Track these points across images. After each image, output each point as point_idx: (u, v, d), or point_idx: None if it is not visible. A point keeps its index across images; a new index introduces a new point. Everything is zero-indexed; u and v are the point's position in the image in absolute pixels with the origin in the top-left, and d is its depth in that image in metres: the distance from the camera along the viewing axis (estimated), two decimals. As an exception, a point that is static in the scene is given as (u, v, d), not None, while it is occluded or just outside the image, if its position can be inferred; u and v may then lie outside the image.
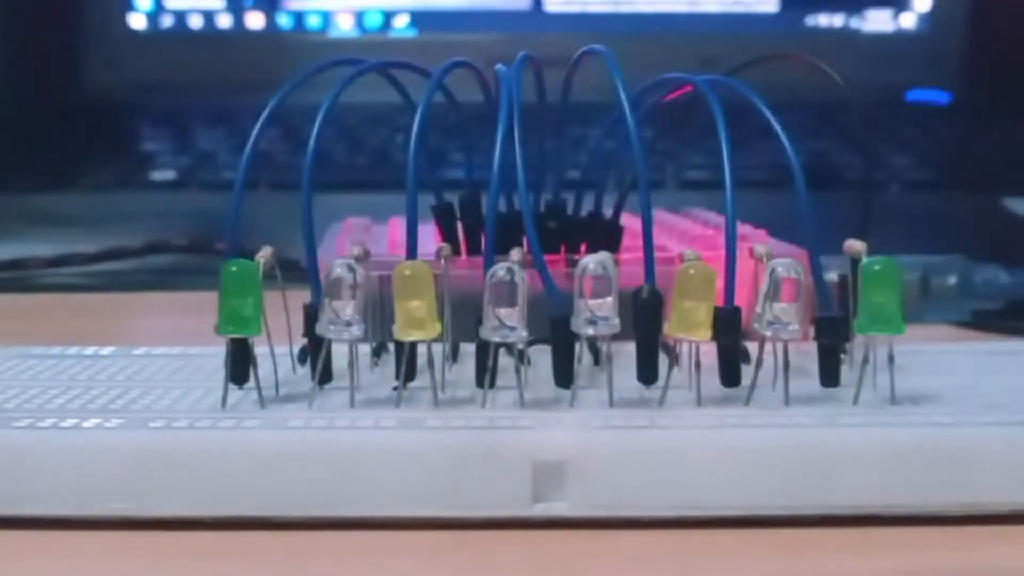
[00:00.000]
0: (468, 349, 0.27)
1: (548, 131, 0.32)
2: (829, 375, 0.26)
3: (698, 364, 0.25)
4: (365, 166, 0.62)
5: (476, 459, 0.23)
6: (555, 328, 0.26)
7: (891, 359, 0.25)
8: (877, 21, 0.73)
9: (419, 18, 0.72)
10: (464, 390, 0.26)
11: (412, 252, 0.26)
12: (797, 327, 0.25)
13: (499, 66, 0.28)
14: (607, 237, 0.32)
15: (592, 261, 0.25)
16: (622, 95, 0.26)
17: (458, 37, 0.71)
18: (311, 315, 0.26)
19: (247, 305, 0.25)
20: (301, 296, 0.27)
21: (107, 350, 0.31)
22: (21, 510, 0.23)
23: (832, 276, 0.27)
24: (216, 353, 0.26)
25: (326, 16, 0.72)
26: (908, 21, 0.73)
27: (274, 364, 0.27)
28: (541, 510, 0.23)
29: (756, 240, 0.33)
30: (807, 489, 0.23)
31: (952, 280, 0.40)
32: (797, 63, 0.32)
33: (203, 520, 0.23)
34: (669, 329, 0.25)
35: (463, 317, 0.27)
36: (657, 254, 0.26)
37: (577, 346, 0.25)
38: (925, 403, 0.26)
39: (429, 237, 0.31)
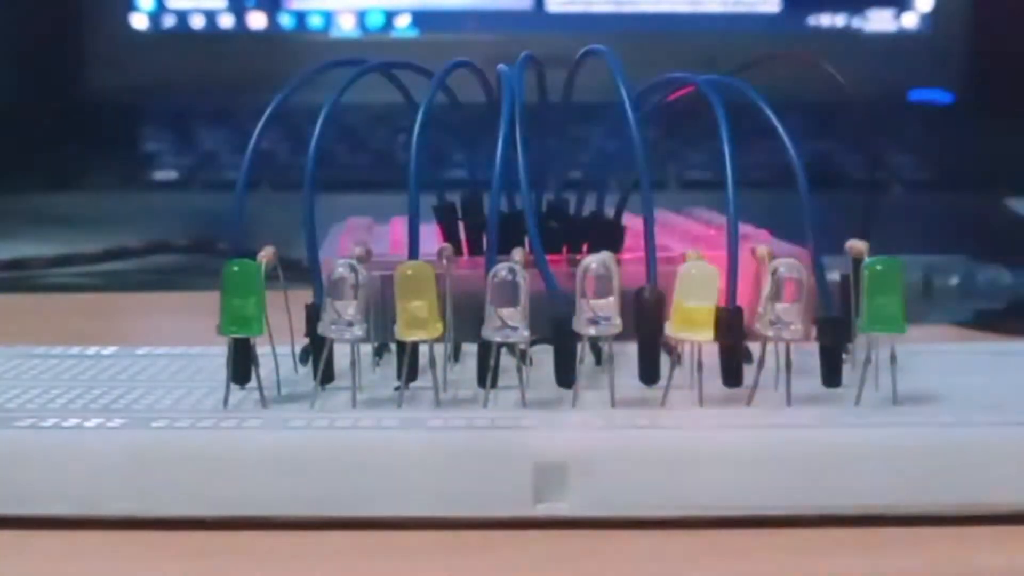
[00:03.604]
0: (470, 349, 0.27)
1: (550, 131, 0.32)
2: (831, 375, 0.26)
3: (700, 364, 0.25)
4: (367, 166, 0.62)
5: (478, 459, 0.23)
6: (557, 328, 0.26)
7: (893, 359, 0.25)
8: (879, 21, 0.73)
9: (421, 18, 0.72)
10: (466, 390, 0.26)
11: (414, 252, 0.26)
12: (799, 327, 0.25)
13: (501, 66, 0.28)
14: (609, 237, 0.32)
15: (594, 261, 0.25)
16: (624, 95, 0.26)
17: (460, 37, 0.71)
18: (313, 315, 0.26)
19: (249, 305, 0.25)
20: (303, 296, 0.27)
21: (109, 350, 0.31)
22: (22, 510, 0.23)
23: (834, 276, 0.27)
24: (218, 353, 0.26)
25: (328, 16, 0.72)
26: (910, 21, 0.73)
27: (276, 364, 0.27)
28: (543, 510, 0.23)
29: (758, 240, 0.33)
30: (809, 489, 0.23)
31: (954, 280, 0.39)
32: (799, 63, 0.32)
33: (205, 520, 0.23)
34: (671, 329, 0.25)
35: (465, 317, 0.27)
36: (659, 254, 0.26)
37: (579, 346, 0.25)
38: (927, 403, 0.26)
39: (431, 237, 0.31)
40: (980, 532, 0.23)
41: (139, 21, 0.72)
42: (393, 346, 0.27)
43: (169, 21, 0.72)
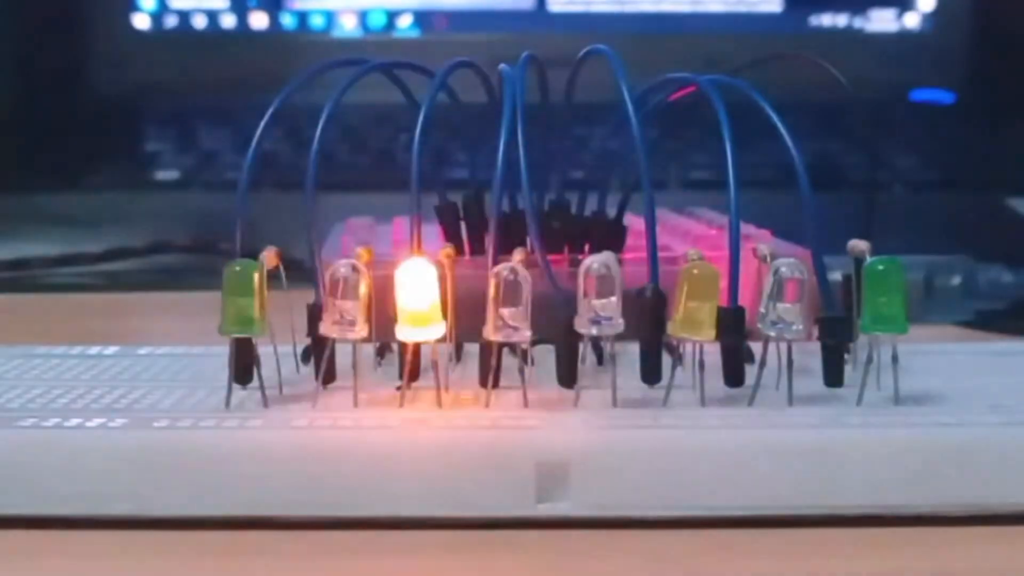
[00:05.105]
0: (472, 349, 0.27)
1: (552, 131, 0.32)
2: (833, 375, 0.26)
3: (702, 364, 0.25)
4: (368, 166, 0.62)
5: (480, 459, 0.23)
6: (559, 328, 0.26)
7: (895, 359, 0.25)
8: (881, 21, 0.73)
9: (422, 18, 0.72)
10: (468, 390, 0.26)
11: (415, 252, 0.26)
12: (801, 327, 0.25)
13: (503, 66, 0.28)
14: (610, 237, 0.32)
15: (596, 261, 0.25)
16: (625, 95, 0.26)
17: (461, 37, 0.71)
18: (315, 315, 0.26)
19: (251, 305, 0.25)
20: (305, 296, 0.27)
21: (111, 350, 0.31)
22: (24, 510, 0.23)
23: (836, 276, 0.27)
24: (220, 353, 0.26)
25: (330, 16, 0.72)
26: (912, 21, 0.73)
27: (277, 364, 0.27)
28: (545, 510, 0.23)
29: (760, 240, 0.33)
30: (810, 489, 0.23)
31: (956, 280, 0.40)
32: (801, 63, 0.32)
33: (206, 520, 0.23)
34: (673, 329, 0.25)
35: (467, 317, 0.27)
36: (661, 254, 0.26)
37: (581, 346, 0.25)
38: (929, 403, 0.26)
39: (433, 237, 0.31)
40: (980, 532, 0.23)
41: (141, 21, 0.72)
42: (395, 346, 0.27)
43: (171, 21, 0.72)
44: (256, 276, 0.25)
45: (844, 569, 0.22)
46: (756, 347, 0.26)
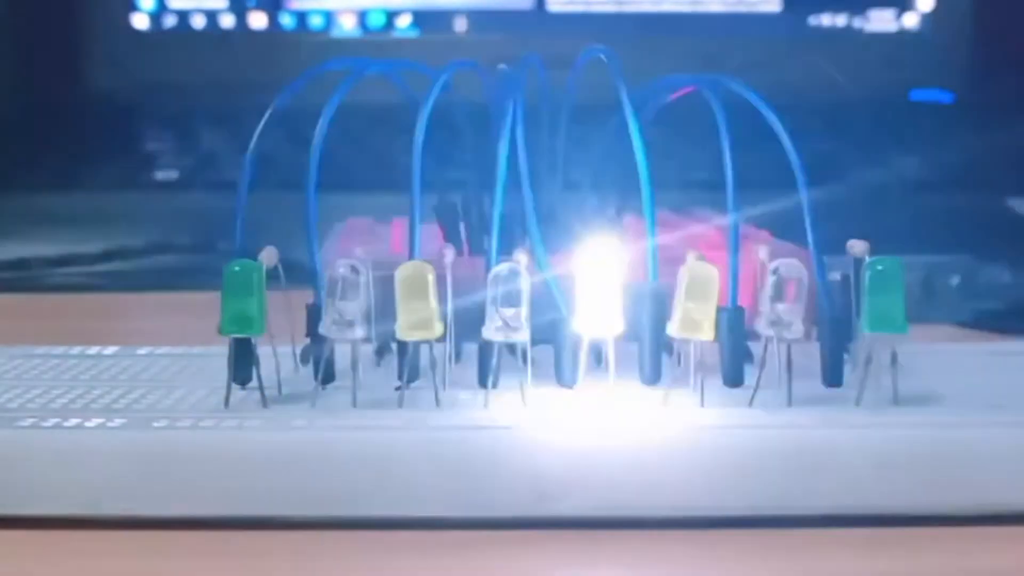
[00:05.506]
0: (471, 349, 0.27)
1: (551, 131, 0.32)
2: (832, 375, 0.26)
3: (702, 364, 0.25)
4: (368, 166, 0.62)
5: (478, 459, 0.23)
6: (558, 328, 0.26)
7: (894, 359, 0.25)
8: (880, 21, 0.73)
9: (422, 18, 0.72)
10: (467, 390, 0.26)
11: (415, 252, 0.26)
12: (800, 327, 0.25)
13: (503, 66, 0.28)
14: (610, 237, 0.32)
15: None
16: (625, 96, 0.26)
17: (461, 37, 0.71)
18: (314, 315, 0.26)
19: (250, 305, 0.25)
20: (304, 296, 0.27)
21: (110, 350, 0.31)
22: (23, 510, 0.23)
23: (835, 276, 0.27)
24: (219, 353, 0.26)
25: (329, 16, 0.72)
26: (911, 21, 0.73)
27: (277, 364, 0.27)
28: (544, 510, 0.23)
29: (759, 240, 0.33)
30: (810, 489, 0.23)
31: (956, 280, 0.40)
32: (800, 63, 0.32)
33: (205, 520, 0.23)
34: (672, 329, 0.25)
35: (466, 317, 0.27)
36: (660, 254, 0.26)
37: (580, 346, 0.25)
38: (928, 403, 0.26)
39: (432, 237, 0.31)
40: (980, 532, 0.23)
41: (140, 21, 0.72)
42: (394, 346, 0.27)
43: (170, 21, 0.72)
44: (255, 276, 0.25)
45: (843, 569, 0.22)
46: (756, 347, 0.26)
